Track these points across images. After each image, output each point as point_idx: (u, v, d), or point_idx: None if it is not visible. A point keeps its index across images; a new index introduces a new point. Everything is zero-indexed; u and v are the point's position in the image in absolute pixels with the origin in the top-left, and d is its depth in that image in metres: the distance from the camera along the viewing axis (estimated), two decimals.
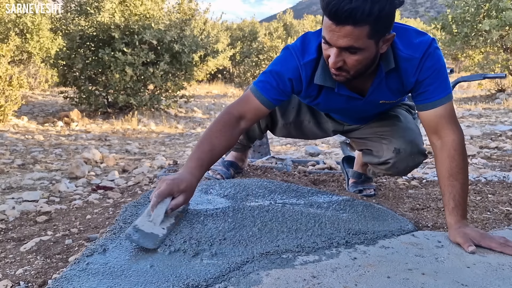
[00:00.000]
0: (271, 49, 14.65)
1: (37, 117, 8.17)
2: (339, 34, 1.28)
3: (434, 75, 1.46)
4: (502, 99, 9.42)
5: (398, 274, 1.14)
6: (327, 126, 1.99)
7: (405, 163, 1.78)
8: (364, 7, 1.21)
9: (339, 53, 1.33)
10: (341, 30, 1.27)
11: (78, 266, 1.10)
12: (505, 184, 2.33)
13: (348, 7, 1.21)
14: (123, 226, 1.37)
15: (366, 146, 1.93)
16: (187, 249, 1.22)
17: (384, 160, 1.81)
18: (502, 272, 1.18)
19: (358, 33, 1.27)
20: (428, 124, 1.50)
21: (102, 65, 8.23)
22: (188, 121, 8.87)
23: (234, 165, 2.33)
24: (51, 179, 3.57)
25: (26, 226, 2.22)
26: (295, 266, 1.16)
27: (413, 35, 1.47)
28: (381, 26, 1.29)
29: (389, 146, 1.78)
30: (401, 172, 1.85)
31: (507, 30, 9.36)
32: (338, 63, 1.35)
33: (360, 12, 1.22)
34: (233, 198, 1.72)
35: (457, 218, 1.41)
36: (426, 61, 1.45)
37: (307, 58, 1.51)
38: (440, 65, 1.46)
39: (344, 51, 1.33)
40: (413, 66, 1.46)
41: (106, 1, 8.18)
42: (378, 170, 1.93)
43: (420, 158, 1.80)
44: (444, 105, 1.47)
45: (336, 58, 1.34)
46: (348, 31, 1.26)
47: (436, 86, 1.46)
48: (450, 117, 1.47)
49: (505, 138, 4.78)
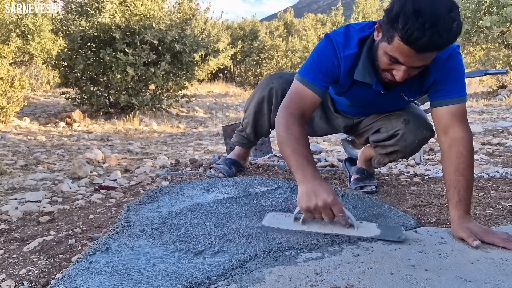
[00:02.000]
0: (272, 48, 14.61)
1: (39, 118, 8.19)
2: (417, 58, 1.33)
3: (452, 75, 1.52)
4: (504, 95, 9.40)
5: (401, 271, 1.14)
6: (338, 122, 2.03)
7: (413, 135, 1.81)
8: (451, 39, 1.28)
9: (408, 69, 1.39)
10: (422, 56, 1.33)
11: (81, 265, 1.10)
12: (507, 180, 2.32)
13: (439, 42, 1.27)
14: (125, 225, 1.37)
15: (373, 129, 1.96)
16: (190, 248, 1.23)
17: (394, 131, 1.84)
18: (505, 267, 1.18)
19: (433, 55, 1.36)
20: (439, 120, 1.53)
21: (104, 65, 8.23)
22: (190, 120, 8.87)
23: (236, 163, 2.34)
24: (54, 179, 3.57)
25: (29, 226, 2.22)
26: (298, 263, 1.17)
27: None
28: None
29: (398, 118, 1.83)
30: (408, 147, 1.85)
31: (508, 26, 9.33)
32: (405, 76, 1.41)
33: (446, 43, 1.30)
34: (235, 196, 1.72)
35: (461, 212, 1.41)
36: (447, 62, 1.51)
37: (348, 51, 1.56)
38: (459, 67, 1.53)
39: (415, 68, 1.39)
40: (438, 67, 1.51)
41: (106, 1, 8.17)
42: (384, 151, 1.92)
43: (428, 132, 1.84)
44: (457, 105, 1.51)
45: (405, 74, 1.40)
46: (428, 55, 1.34)
47: (452, 86, 1.52)
48: (462, 116, 1.51)
49: (507, 134, 4.76)
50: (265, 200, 1.72)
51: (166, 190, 1.82)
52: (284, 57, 14.41)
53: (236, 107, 10.71)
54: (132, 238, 1.29)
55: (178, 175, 2.40)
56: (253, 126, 2.17)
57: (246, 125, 2.21)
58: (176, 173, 2.45)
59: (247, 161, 2.45)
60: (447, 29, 1.25)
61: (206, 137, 6.76)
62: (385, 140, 1.88)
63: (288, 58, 14.41)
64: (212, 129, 7.62)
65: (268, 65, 14.10)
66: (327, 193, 1.37)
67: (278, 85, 2.01)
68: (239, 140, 2.29)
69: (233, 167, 2.31)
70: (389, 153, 1.91)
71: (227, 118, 9.11)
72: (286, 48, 14.55)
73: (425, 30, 1.24)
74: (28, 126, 7.13)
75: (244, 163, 2.41)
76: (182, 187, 1.88)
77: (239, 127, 2.29)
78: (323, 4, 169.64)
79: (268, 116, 2.10)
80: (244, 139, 2.27)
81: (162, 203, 1.64)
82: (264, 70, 13.97)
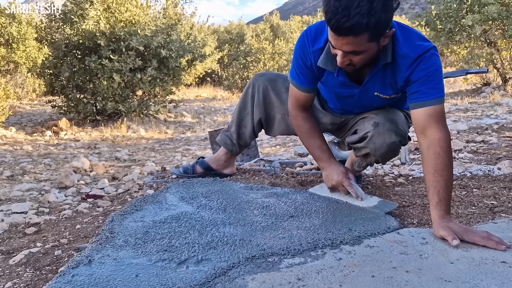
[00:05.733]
0: (259, 51, 14.65)
1: (25, 127, 8.11)
2: (341, 42, 1.41)
3: (427, 77, 1.54)
4: (488, 92, 9.51)
5: (383, 273, 1.15)
6: (325, 120, 2.07)
7: (382, 139, 1.78)
8: (361, 22, 1.33)
9: (344, 55, 1.47)
10: (344, 39, 1.40)
11: (63, 278, 1.10)
12: (490, 178, 2.35)
13: (347, 25, 1.34)
14: (109, 236, 1.37)
15: (351, 131, 1.98)
16: (173, 257, 1.23)
17: (363, 133, 1.84)
18: (485, 266, 1.20)
19: (359, 40, 1.40)
20: (417, 122, 1.55)
21: (89, 72, 8.18)
22: (178, 125, 8.84)
23: (204, 164, 2.37)
24: (40, 189, 3.54)
25: (15, 238, 2.20)
26: (281, 269, 1.18)
27: (416, 37, 1.57)
28: (380, 30, 1.40)
29: (370, 121, 1.84)
30: (378, 150, 1.81)
31: (490, 24, 9.45)
32: (344, 62, 1.49)
33: (358, 27, 1.34)
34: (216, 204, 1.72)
35: (441, 212, 1.43)
36: (421, 63, 1.54)
37: (317, 46, 1.66)
38: (434, 68, 1.55)
39: (349, 53, 1.45)
40: (406, 64, 1.55)
41: (90, 8, 8.13)
42: (359, 153, 1.93)
43: (397, 137, 1.79)
44: (434, 106, 1.53)
45: (342, 59, 1.48)
46: (350, 40, 1.39)
47: (429, 87, 1.54)
48: (439, 117, 1.53)
49: (491, 131, 4.82)
50: (250, 205, 1.73)
51: (151, 198, 1.82)
52: (271, 60, 14.45)
53: (224, 111, 10.71)
54: (115, 249, 1.29)
55: (164, 182, 2.39)
56: (237, 124, 2.24)
57: (231, 124, 2.29)
58: (162, 181, 2.45)
59: (229, 168, 2.42)
60: (359, 14, 1.31)
61: (194, 142, 6.75)
62: (357, 142, 1.88)
63: (275, 61, 14.47)
64: (200, 134, 7.61)
65: (255, 68, 14.12)
66: (337, 174, 1.86)
67: (260, 82, 2.16)
68: (223, 139, 2.32)
69: (198, 166, 2.34)
70: (363, 155, 1.91)
71: (215, 122, 9.10)
72: (272, 51, 14.60)
73: (337, 12, 1.33)
74: (14, 136, 7.06)
75: (223, 169, 2.39)
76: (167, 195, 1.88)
77: (225, 127, 2.34)
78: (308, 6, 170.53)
79: (252, 116, 2.18)
80: (228, 139, 2.29)
81: (146, 212, 1.64)
82: (252, 73, 13.98)
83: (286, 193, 1.91)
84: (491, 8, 8.74)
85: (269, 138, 6.05)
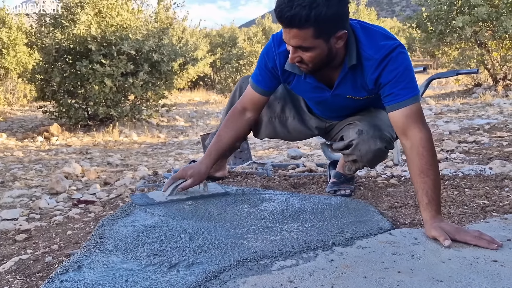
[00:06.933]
0: (251, 54, 14.68)
1: (16, 133, 8.05)
2: (289, 35, 1.44)
3: (397, 77, 1.52)
4: (479, 93, 9.58)
5: (375, 274, 1.15)
6: (311, 123, 2.04)
7: (367, 146, 1.78)
8: (301, 13, 1.36)
9: (294, 51, 1.49)
10: (290, 32, 1.43)
11: (52, 284, 1.08)
12: (481, 177, 2.36)
13: (288, 14, 1.38)
14: (99, 241, 1.36)
15: (338, 136, 1.97)
16: (164, 261, 1.22)
17: (348, 141, 1.84)
18: (476, 265, 1.20)
19: (304, 34, 1.42)
20: (396, 124, 1.54)
21: (81, 77, 8.15)
22: (170, 130, 8.82)
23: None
24: (31, 195, 3.51)
25: (5, 245, 2.18)
26: (272, 272, 1.17)
27: (380, 37, 1.55)
28: (325, 27, 1.42)
29: (354, 128, 1.83)
30: (364, 157, 1.81)
31: (480, 25, 9.53)
32: (295, 58, 1.51)
33: (298, 19, 1.37)
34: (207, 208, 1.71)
35: (432, 213, 1.43)
36: (388, 65, 1.52)
37: (282, 48, 1.66)
38: (403, 68, 1.52)
39: (298, 49, 1.47)
40: (372, 66, 1.54)
41: (81, 13, 8.10)
42: (347, 159, 1.93)
43: (382, 144, 1.78)
44: (410, 106, 1.51)
45: (292, 54, 1.50)
46: (294, 33, 1.42)
47: (401, 88, 1.52)
48: (417, 117, 1.51)
49: (483, 131, 4.85)
50: (242, 207, 1.72)
51: None
52: None
53: (217, 115, 10.69)
54: (105, 254, 1.28)
55: (155, 186, 2.38)
56: None
57: (219, 126, 2.25)
58: (154, 185, 2.44)
59: (220, 171, 2.40)
60: (300, 5, 1.35)
61: (187, 146, 6.73)
62: (344, 149, 1.88)
63: None
64: (193, 138, 7.59)
65: (248, 71, 14.14)
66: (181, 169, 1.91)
67: (246, 84, 2.14)
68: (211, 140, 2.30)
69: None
70: (351, 161, 1.91)
71: (208, 126, 9.09)
72: None
73: (283, 3, 1.38)
74: (5, 142, 7.00)
75: (214, 172, 2.35)
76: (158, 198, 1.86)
77: (215, 130, 2.33)
78: None
79: None
80: None
81: (137, 217, 1.62)
82: None
83: (278, 195, 1.90)
84: (481, 9, 8.82)
85: (262, 141, 6.05)
